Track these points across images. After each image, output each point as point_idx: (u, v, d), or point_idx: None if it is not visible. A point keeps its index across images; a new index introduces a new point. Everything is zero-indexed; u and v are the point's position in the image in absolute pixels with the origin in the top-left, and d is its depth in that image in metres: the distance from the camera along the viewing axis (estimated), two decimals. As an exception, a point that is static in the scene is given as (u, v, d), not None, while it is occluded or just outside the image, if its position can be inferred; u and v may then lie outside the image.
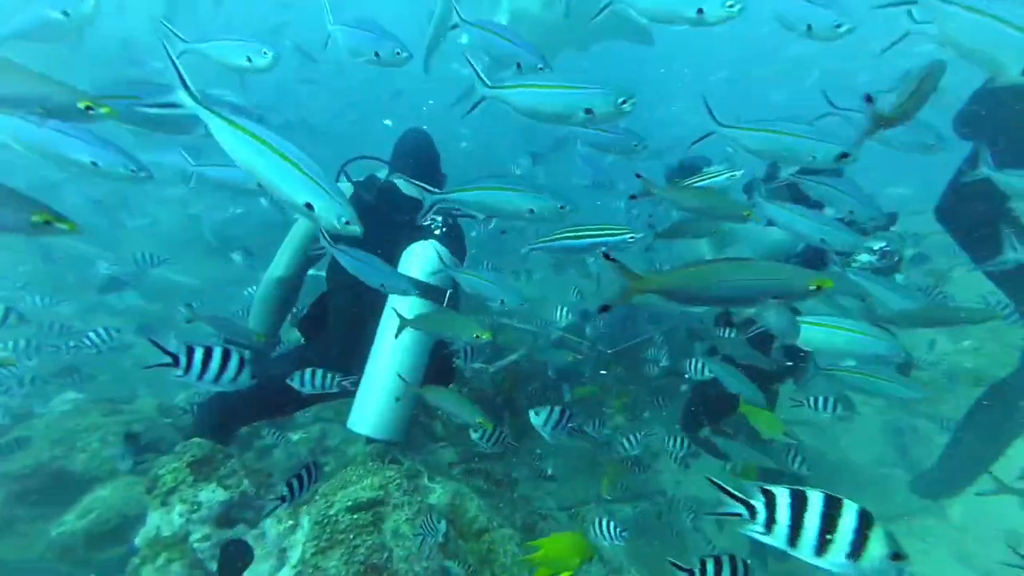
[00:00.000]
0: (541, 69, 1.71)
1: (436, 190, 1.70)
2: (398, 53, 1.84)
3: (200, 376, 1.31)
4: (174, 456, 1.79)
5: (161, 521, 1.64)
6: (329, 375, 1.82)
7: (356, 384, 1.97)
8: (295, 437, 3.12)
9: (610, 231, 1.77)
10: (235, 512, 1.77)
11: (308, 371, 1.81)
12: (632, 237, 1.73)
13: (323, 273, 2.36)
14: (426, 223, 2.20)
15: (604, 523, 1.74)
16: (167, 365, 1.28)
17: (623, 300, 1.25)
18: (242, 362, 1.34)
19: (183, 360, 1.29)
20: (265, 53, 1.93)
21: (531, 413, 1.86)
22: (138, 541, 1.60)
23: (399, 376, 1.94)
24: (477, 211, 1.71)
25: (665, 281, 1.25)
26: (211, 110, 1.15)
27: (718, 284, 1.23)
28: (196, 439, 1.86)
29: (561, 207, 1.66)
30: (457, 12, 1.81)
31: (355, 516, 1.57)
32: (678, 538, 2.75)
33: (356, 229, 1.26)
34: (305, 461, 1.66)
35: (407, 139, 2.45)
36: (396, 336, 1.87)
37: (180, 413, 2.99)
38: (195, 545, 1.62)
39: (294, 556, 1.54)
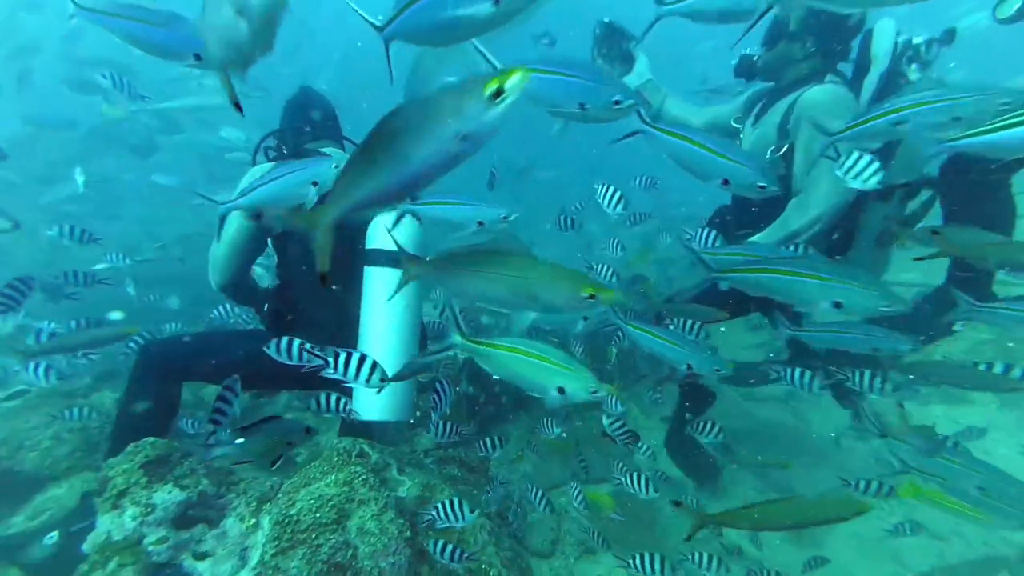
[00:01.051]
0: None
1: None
2: (616, 103, 1.23)
3: (344, 373, 1.49)
4: (125, 456, 1.70)
5: (112, 525, 1.57)
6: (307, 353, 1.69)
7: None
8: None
9: None
10: (194, 512, 1.70)
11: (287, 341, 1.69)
12: None
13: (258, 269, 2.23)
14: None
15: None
16: (321, 368, 1.50)
17: None
18: (375, 366, 1.50)
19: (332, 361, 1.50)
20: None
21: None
22: (86, 547, 1.53)
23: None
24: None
25: None
26: (475, 341, 1.39)
27: None
28: (150, 439, 1.77)
29: None
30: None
31: (318, 514, 1.52)
32: (651, 516, 2.80)
33: (603, 393, 1.35)
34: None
35: (312, 102, 2.26)
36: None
37: None
38: (150, 548, 1.56)
39: (254, 557, 1.49)
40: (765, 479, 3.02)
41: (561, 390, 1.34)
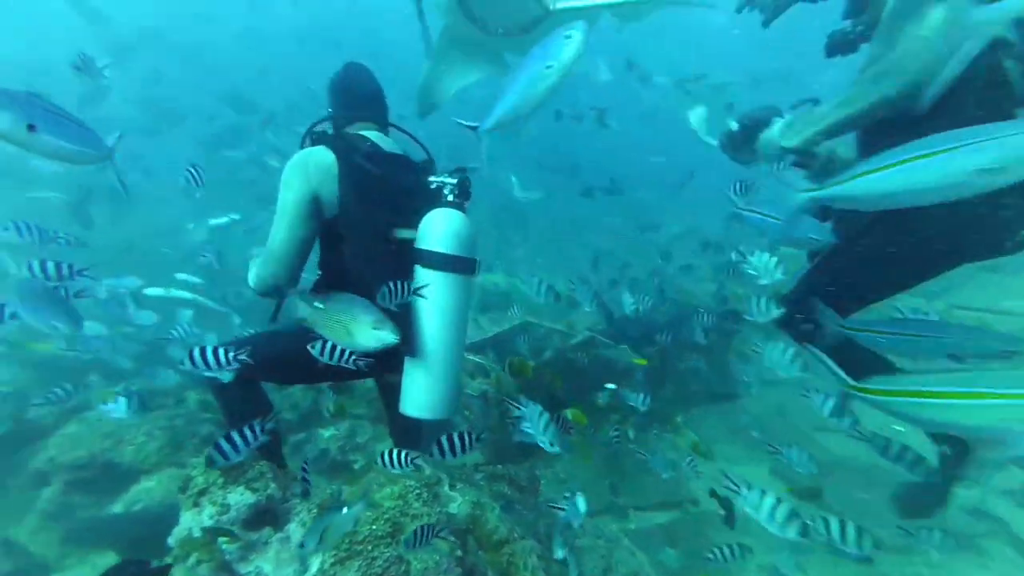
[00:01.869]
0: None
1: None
2: None
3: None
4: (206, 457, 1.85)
5: (192, 522, 1.70)
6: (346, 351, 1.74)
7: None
8: (326, 434, 3.21)
9: None
10: (262, 515, 1.81)
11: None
12: None
13: None
14: (433, 185, 1.91)
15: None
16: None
17: None
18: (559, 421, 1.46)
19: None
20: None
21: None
22: (171, 540, 1.67)
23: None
24: None
25: None
26: (883, 392, 1.30)
27: None
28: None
29: None
30: None
31: (374, 527, 1.57)
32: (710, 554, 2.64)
33: None
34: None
35: (353, 80, 2.07)
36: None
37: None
38: (223, 547, 1.67)
39: (313, 566, 1.56)
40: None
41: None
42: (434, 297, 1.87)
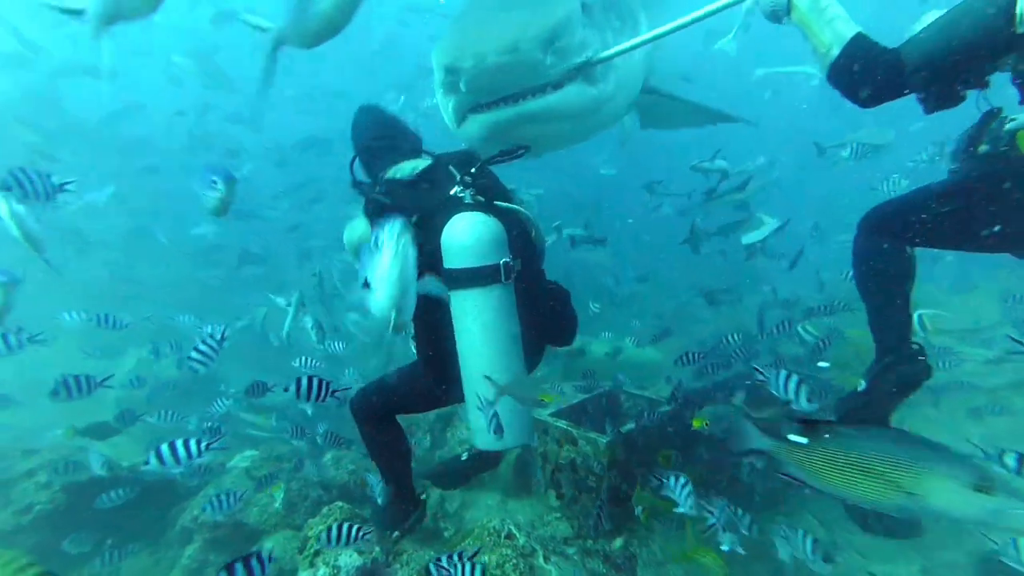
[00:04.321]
0: None
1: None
2: None
3: None
4: (321, 519, 2.04)
5: (310, 581, 1.86)
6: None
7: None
8: (418, 500, 3.31)
9: None
10: (368, 577, 1.92)
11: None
12: None
13: None
14: (452, 192, 1.75)
15: None
16: None
17: None
18: None
19: None
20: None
21: None
22: (292, 599, 1.83)
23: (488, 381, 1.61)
24: None
25: None
26: None
27: None
28: (339, 503, 2.10)
29: None
30: None
31: (472, 596, 1.60)
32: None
33: None
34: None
35: (363, 122, 2.05)
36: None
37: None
38: (336, 608, 1.79)
39: (417, 632, 1.61)
40: None
41: None
42: (458, 319, 1.66)
